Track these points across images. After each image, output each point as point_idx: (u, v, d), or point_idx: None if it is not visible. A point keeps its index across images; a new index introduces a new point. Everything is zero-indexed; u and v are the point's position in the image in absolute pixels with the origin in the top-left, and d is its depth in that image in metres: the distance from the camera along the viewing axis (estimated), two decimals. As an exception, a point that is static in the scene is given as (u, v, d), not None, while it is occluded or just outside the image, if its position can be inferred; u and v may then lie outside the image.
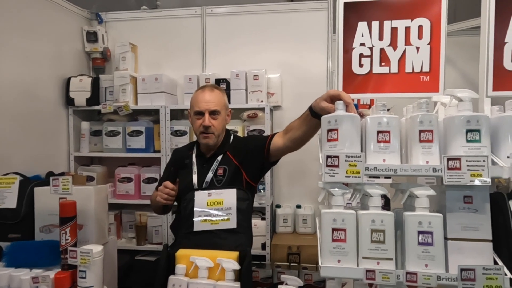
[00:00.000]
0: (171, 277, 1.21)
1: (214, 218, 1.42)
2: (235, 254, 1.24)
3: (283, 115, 2.79)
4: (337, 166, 0.97)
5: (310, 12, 2.73)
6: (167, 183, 1.48)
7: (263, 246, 2.53)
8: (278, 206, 2.73)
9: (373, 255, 0.95)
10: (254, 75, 2.60)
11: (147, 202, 2.61)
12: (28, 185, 1.63)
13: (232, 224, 1.43)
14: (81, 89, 2.65)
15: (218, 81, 2.62)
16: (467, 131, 0.96)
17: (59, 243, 1.35)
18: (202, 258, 1.20)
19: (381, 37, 1.20)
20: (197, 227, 1.42)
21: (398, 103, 1.32)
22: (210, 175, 1.54)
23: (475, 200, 0.96)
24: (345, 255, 0.96)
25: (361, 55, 1.20)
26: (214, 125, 1.53)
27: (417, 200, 0.96)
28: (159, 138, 2.63)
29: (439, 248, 0.94)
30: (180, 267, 1.21)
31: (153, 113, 2.74)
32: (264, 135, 2.48)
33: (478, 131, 0.96)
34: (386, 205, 1.35)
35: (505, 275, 0.89)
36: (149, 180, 2.65)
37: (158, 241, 2.63)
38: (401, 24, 1.18)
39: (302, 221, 2.65)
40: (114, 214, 2.67)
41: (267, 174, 2.52)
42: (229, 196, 1.45)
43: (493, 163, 0.95)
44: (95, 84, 2.69)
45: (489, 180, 0.91)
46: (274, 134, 1.55)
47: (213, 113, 1.54)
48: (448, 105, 1.08)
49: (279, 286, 1.20)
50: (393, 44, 1.19)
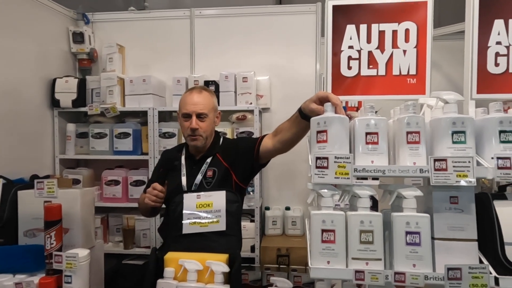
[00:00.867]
0: (159, 280, 1.20)
1: (203, 221, 1.41)
2: (225, 256, 1.24)
3: (272, 117, 2.79)
4: (326, 168, 0.97)
5: (299, 15, 2.75)
6: (156, 185, 1.46)
7: (252, 249, 2.52)
8: (267, 208, 2.73)
9: (362, 256, 0.96)
10: (243, 77, 2.60)
11: (134, 205, 2.57)
12: (12, 188, 1.59)
13: (222, 226, 1.42)
14: (67, 91, 2.60)
15: (207, 83, 2.61)
16: (453, 132, 0.98)
17: (43, 247, 1.31)
18: (191, 261, 1.19)
19: (369, 40, 1.21)
20: (186, 230, 1.41)
21: (385, 105, 1.34)
22: (199, 177, 1.52)
23: (461, 200, 0.98)
24: (334, 256, 0.97)
25: (349, 58, 1.22)
26: (201, 128, 1.52)
27: (405, 201, 0.98)
28: (147, 140, 2.60)
29: (426, 248, 0.95)
30: (169, 270, 1.20)
31: (141, 115, 2.71)
32: (253, 137, 2.48)
33: (464, 132, 0.98)
34: (373, 206, 1.36)
35: (490, 273, 0.91)
36: (137, 183, 2.61)
37: (146, 244, 2.60)
38: (388, 28, 1.20)
39: (291, 223, 2.65)
40: (100, 218, 2.62)
41: (256, 176, 2.52)
42: (218, 198, 1.44)
43: (478, 164, 0.97)
44: (82, 85, 2.64)
45: (474, 180, 0.93)
46: (263, 136, 1.55)
47: (201, 115, 1.53)
48: (434, 107, 1.10)
49: (268, 289, 1.20)
50: (381, 47, 1.21)
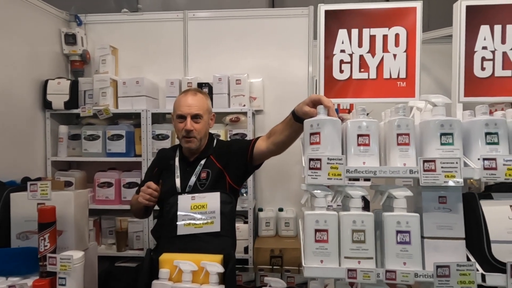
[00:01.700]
0: (154, 281, 1.20)
1: (197, 222, 1.42)
2: (219, 257, 1.25)
3: (265, 119, 2.82)
4: (319, 169, 0.99)
5: (292, 18, 2.78)
6: (150, 183, 1.46)
7: (246, 250, 2.53)
8: (261, 210, 2.74)
9: (354, 255, 0.98)
10: (237, 80, 2.62)
11: (128, 207, 2.55)
12: (4, 190, 1.58)
13: (216, 228, 1.43)
14: (59, 92, 2.58)
15: (201, 85, 2.62)
16: (441, 134, 1.01)
17: (37, 249, 1.31)
18: (186, 262, 1.20)
19: (360, 44, 1.24)
20: (180, 231, 1.42)
21: (376, 108, 1.37)
22: (193, 179, 1.53)
23: (449, 200, 1.01)
24: (327, 255, 0.99)
25: (341, 61, 1.25)
26: (196, 129, 1.53)
27: (395, 201, 1.01)
28: (140, 142, 2.60)
29: (416, 246, 0.98)
30: (164, 271, 1.21)
31: (134, 117, 2.70)
32: (247, 139, 2.50)
33: (451, 134, 1.01)
34: (365, 207, 1.39)
35: (477, 270, 0.94)
36: (130, 185, 2.61)
37: (139, 246, 2.59)
38: (379, 32, 1.23)
39: (284, 224, 2.67)
40: (93, 220, 2.61)
41: (249, 178, 2.53)
42: (212, 200, 1.46)
43: (465, 164, 1.00)
44: (74, 87, 2.63)
45: (461, 180, 0.96)
46: (257, 138, 1.57)
47: (195, 117, 1.54)
48: (423, 110, 1.13)
49: (263, 289, 1.22)
50: (372, 51, 1.24)
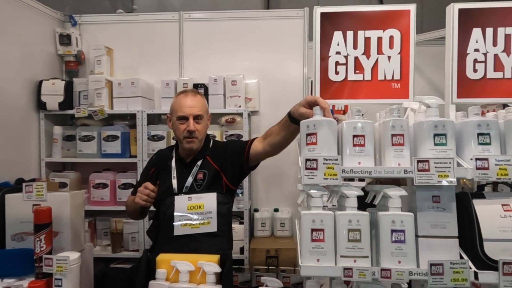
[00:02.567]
0: (151, 282, 1.20)
1: (194, 222, 1.42)
2: (216, 257, 1.25)
3: (261, 120, 2.83)
4: (315, 169, 1.01)
5: (287, 20, 2.80)
6: (148, 184, 1.46)
7: (242, 250, 2.54)
8: (256, 210, 2.75)
9: (350, 254, 1.00)
10: (232, 81, 2.62)
11: (123, 208, 2.56)
12: (-2, 192, 1.57)
13: (213, 228, 1.44)
14: (53, 93, 2.57)
15: (196, 86, 2.62)
16: (435, 135, 1.03)
17: (32, 251, 1.31)
18: (183, 262, 1.20)
19: (355, 46, 1.26)
20: (177, 232, 1.42)
21: (371, 109, 1.39)
22: (190, 179, 1.54)
23: (442, 199, 1.03)
24: (323, 254, 1.00)
25: (337, 63, 1.26)
26: (198, 130, 1.54)
27: (390, 200, 1.02)
28: (135, 143, 2.59)
29: (410, 245, 0.99)
30: (161, 271, 1.21)
31: (129, 118, 2.70)
32: (243, 140, 2.51)
33: (445, 135, 1.03)
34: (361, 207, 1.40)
35: (469, 268, 0.96)
36: (125, 186, 2.60)
37: (134, 248, 2.58)
38: (373, 34, 1.25)
39: (280, 224, 2.68)
40: (88, 222, 2.60)
41: (245, 179, 2.53)
42: (209, 200, 1.46)
43: (458, 164, 1.02)
44: (69, 87, 2.62)
45: (454, 180, 0.98)
46: (254, 139, 1.58)
47: (197, 117, 1.55)
48: (417, 111, 1.15)
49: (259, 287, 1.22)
50: (367, 53, 1.25)
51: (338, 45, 1.26)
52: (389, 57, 1.25)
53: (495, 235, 0.98)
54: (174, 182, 1.54)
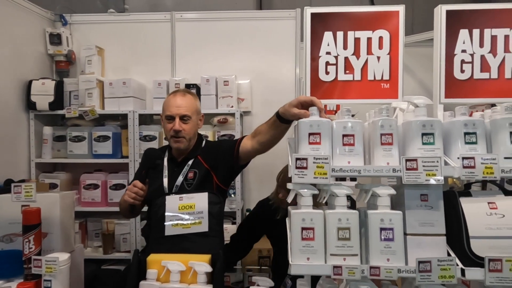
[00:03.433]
0: (142, 282, 1.20)
1: (185, 222, 1.42)
2: (207, 257, 1.25)
3: (253, 120, 2.83)
4: (305, 168, 1.02)
5: (279, 21, 2.81)
6: (136, 182, 1.47)
7: (234, 251, 2.53)
8: (249, 211, 2.75)
9: (340, 252, 1.01)
10: (224, 81, 2.63)
11: (114, 209, 2.55)
12: (-14, 192, 1.55)
13: (204, 228, 1.44)
14: (43, 93, 2.55)
15: (188, 86, 2.62)
16: (423, 134, 1.04)
17: (21, 252, 1.29)
18: (174, 262, 1.20)
19: (345, 47, 1.27)
20: (168, 232, 1.42)
21: (362, 109, 1.40)
22: (180, 179, 1.55)
23: (430, 197, 1.05)
24: (313, 253, 1.01)
25: (327, 63, 1.27)
26: (184, 130, 1.54)
27: (379, 199, 1.03)
28: (127, 144, 2.58)
29: (399, 243, 1.01)
30: (152, 272, 1.20)
31: (121, 118, 2.68)
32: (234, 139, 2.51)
33: (432, 134, 1.04)
34: (352, 207, 1.42)
35: (457, 265, 0.97)
36: (117, 187, 2.58)
37: (126, 249, 2.57)
38: (363, 35, 1.26)
39: (272, 224, 2.68)
40: (79, 223, 2.57)
41: (237, 179, 2.54)
42: (200, 200, 1.46)
43: (446, 163, 1.04)
44: (59, 87, 2.60)
45: (442, 179, 1.00)
46: (243, 137, 1.59)
47: (184, 117, 1.55)
48: (405, 111, 1.16)
49: (250, 287, 1.22)
50: (356, 53, 1.26)
51: (328, 45, 1.27)
52: (378, 58, 1.26)
53: (482, 233, 1.00)
54: (165, 180, 1.55)
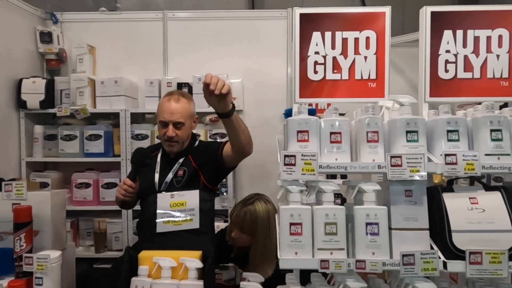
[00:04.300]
0: (133, 278, 1.21)
1: (177, 219, 1.44)
2: (198, 253, 1.27)
3: (245, 119, 2.82)
4: (294, 165, 1.04)
5: (271, 20, 2.83)
6: (126, 180, 1.53)
7: (226, 248, 2.55)
8: (241, 209, 2.77)
9: (327, 246, 1.03)
10: (216, 80, 2.63)
11: (106, 208, 2.55)
12: (-23, 191, 1.54)
13: (195, 225, 1.46)
14: (34, 91, 2.53)
15: (180, 85, 2.63)
16: (407, 132, 1.08)
17: (12, 250, 1.30)
18: (165, 258, 1.22)
19: (333, 47, 1.30)
20: (160, 229, 1.44)
21: (352, 108, 1.43)
22: (170, 175, 1.59)
23: (414, 193, 1.08)
24: (301, 248, 1.03)
25: (315, 63, 1.29)
26: (178, 135, 1.59)
27: (365, 195, 1.06)
28: (119, 142, 2.58)
29: (384, 237, 1.04)
30: (143, 268, 1.22)
31: (113, 117, 2.68)
32: (225, 139, 2.55)
33: (416, 132, 1.08)
34: (342, 204, 1.45)
35: (439, 258, 1.01)
36: (109, 186, 2.59)
37: (118, 247, 2.57)
38: (350, 35, 1.29)
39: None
40: (70, 222, 2.57)
41: (229, 177, 2.56)
42: (192, 197, 1.48)
43: (429, 160, 1.07)
44: (50, 86, 2.59)
45: (425, 174, 1.03)
46: (227, 141, 1.63)
47: (177, 124, 1.58)
48: (391, 109, 1.20)
49: (241, 283, 1.25)
50: (344, 53, 1.29)
51: (316, 45, 1.29)
52: (365, 57, 1.29)
53: (463, 227, 1.03)
54: (156, 176, 1.60)
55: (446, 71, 1.29)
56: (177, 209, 1.46)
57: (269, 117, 2.80)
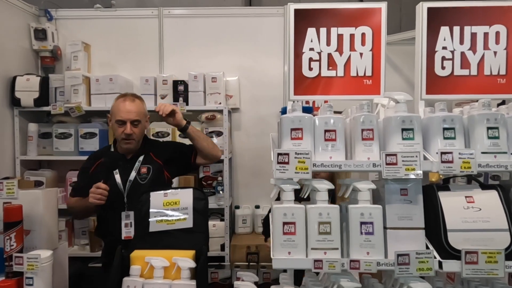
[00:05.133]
0: (125, 278, 1.19)
1: (170, 218, 1.42)
2: (191, 252, 1.25)
3: (241, 117, 2.83)
4: (287, 163, 1.02)
5: (267, 17, 2.81)
6: (100, 184, 1.58)
7: (222, 247, 2.54)
8: (237, 207, 2.76)
9: (320, 246, 1.02)
10: (212, 78, 2.62)
11: (101, 206, 2.52)
12: (-33, 190, 1.52)
13: (189, 224, 1.43)
14: (28, 89, 2.51)
15: (176, 83, 2.61)
16: (402, 129, 1.06)
17: (2, 250, 1.27)
18: (158, 258, 1.20)
19: (328, 43, 1.28)
20: (153, 228, 1.41)
21: (349, 106, 1.41)
22: (133, 174, 1.70)
23: (409, 192, 1.06)
24: (295, 247, 1.02)
25: (310, 59, 1.28)
26: (135, 133, 1.70)
27: (360, 193, 1.05)
28: (114, 140, 2.55)
29: (379, 237, 1.02)
30: (135, 268, 1.20)
31: (108, 115, 2.65)
32: (220, 137, 2.59)
33: (412, 129, 1.06)
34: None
35: (434, 258, 0.99)
36: (104, 184, 2.56)
37: (113, 246, 2.55)
38: (346, 32, 1.27)
39: (261, 221, 2.69)
40: (65, 221, 2.55)
41: (225, 176, 2.55)
42: (185, 196, 1.46)
43: (425, 158, 1.06)
44: (44, 84, 2.56)
45: (421, 173, 1.01)
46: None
47: (134, 122, 1.70)
48: (386, 106, 1.18)
49: (235, 282, 1.23)
50: (339, 49, 1.27)
51: (311, 41, 1.28)
52: (361, 54, 1.27)
53: (459, 226, 1.02)
54: (117, 176, 1.69)
55: (443, 68, 1.28)
56: (170, 208, 1.43)
57: (266, 115, 2.79)
